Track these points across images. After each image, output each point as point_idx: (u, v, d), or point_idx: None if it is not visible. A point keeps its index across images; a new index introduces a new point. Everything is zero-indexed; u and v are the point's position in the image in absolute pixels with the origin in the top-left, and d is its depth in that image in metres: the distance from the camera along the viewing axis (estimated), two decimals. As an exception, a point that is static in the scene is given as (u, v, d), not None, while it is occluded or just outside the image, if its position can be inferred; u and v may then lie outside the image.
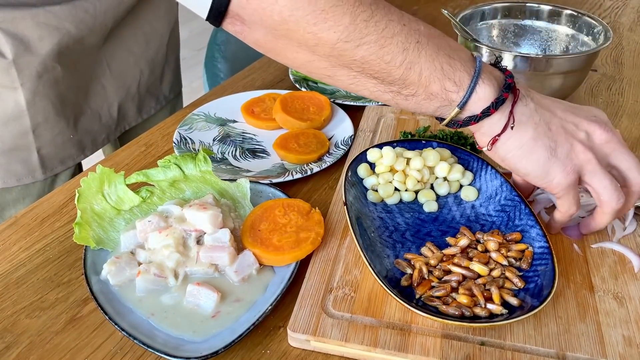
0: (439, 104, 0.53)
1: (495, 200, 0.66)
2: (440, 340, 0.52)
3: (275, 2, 0.47)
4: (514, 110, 0.53)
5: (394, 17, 0.50)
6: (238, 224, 0.64)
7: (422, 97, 0.53)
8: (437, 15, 1.26)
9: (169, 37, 1.02)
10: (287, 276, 0.58)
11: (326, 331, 0.53)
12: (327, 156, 0.80)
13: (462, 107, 0.53)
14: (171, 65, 1.06)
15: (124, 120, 1.00)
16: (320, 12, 0.47)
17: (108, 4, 0.86)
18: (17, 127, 0.84)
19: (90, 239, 0.62)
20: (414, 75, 0.51)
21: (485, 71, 0.53)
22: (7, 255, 0.65)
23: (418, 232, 0.64)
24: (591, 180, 0.55)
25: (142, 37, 0.96)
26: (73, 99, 0.89)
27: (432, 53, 0.51)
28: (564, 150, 0.53)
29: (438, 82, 0.52)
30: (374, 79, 0.52)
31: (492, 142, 0.54)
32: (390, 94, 0.53)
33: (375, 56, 0.50)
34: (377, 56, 0.50)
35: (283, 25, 0.48)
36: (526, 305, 0.53)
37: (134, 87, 0.98)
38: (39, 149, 0.87)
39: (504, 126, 0.53)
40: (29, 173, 0.88)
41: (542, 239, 0.59)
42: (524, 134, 0.53)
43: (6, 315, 0.58)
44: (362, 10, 0.49)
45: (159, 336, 0.54)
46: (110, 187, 0.65)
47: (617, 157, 0.55)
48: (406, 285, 0.57)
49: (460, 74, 0.52)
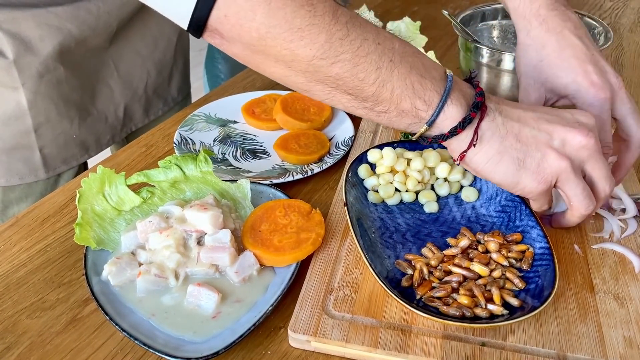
0: (410, 121, 0.54)
1: (496, 201, 0.66)
2: (441, 340, 0.52)
3: (252, 19, 0.48)
4: (479, 127, 0.54)
5: (369, 35, 0.51)
6: (239, 225, 0.64)
7: (393, 114, 0.54)
8: (438, 16, 1.26)
9: (177, 39, 1.02)
10: (288, 277, 0.58)
11: (327, 332, 0.53)
12: (327, 157, 0.80)
13: (430, 125, 0.54)
14: (179, 67, 1.05)
15: (131, 122, 1.00)
16: (297, 30, 0.49)
17: (111, 5, 0.86)
18: (19, 126, 0.84)
19: (91, 239, 0.62)
20: (386, 93, 0.52)
21: (455, 90, 0.54)
22: (8, 255, 0.65)
23: (418, 232, 0.64)
24: (563, 187, 0.55)
25: (150, 39, 0.96)
26: (78, 99, 0.89)
27: (405, 72, 0.52)
28: (534, 161, 0.54)
29: (409, 100, 0.53)
30: (349, 95, 0.53)
31: (460, 158, 0.56)
32: (364, 110, 0.55)
33: (349, 73, 0.51)
34: (351, 73, 0.51)
35: (260, 41, 0.49)
36: (527, 306, 0.53)
37: (141, 89, 0.98)
38: (41, 148, 0.87)
39: (469, 143, 0.54)
40: (32, 172, 0.88)
41: (542, 240, 0.59)
42: (490, 149, 0.54)
43: (7, 315, 0.58)
44: (338, 29, 0.50)
45: (159, 337, 0.54)
46: (111, 188, 0.65)
47: (590, 165, 0.55)
48: (407, 286, 0.57)
49: (430, 93, 0.53)
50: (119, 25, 0.89)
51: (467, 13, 0.94)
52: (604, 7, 1.31)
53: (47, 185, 0.91)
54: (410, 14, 1.20)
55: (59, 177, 0.92)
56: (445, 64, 1.02)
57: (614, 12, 1.29)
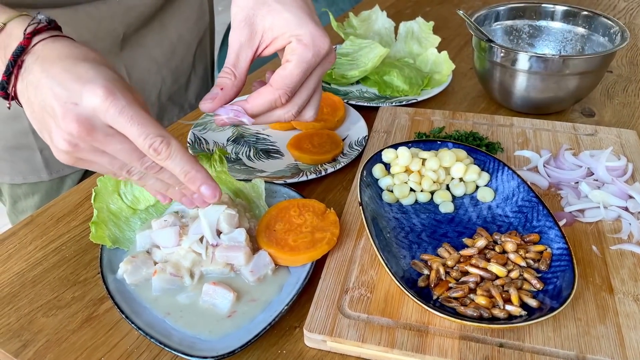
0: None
1: (513, 201, 0.65)
2: (458, 341, 0.52)
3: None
4: (16, 91, 0.50)
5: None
6: (253, 224, 0.64)
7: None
8: (450, 16, 1.26)
9: (197, 45, 1.00)
10: (303, 276, 0.58)
11: (343, 331, 0.53)
12: (341, 157, 0.79)
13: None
14: (199, 73, 1.04)
15: None
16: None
17: (114, 8, 0.84)
18: (17, 126, 0.83)
19: (107, 238, 0.62)
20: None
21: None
22: (24, 254, 0.65)
23: (434, 232, 0.64)
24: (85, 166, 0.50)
25: (167, 45, 0.95)
26: None
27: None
28: (46, 133, 0.49)
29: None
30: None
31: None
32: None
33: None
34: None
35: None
36: (545, 307, 0.52)
37: (154, 96, 0.97)
38: (42, 149, 0.86)
39: (9, 104, 0.51)
40: (34, 172, 0.88)
41: (560, 241, 0.58)
42: (26, 112, 0.50)
43: (23, 313, 0.58)
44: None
45: (174, 335, 0.54)
46: (126, 187, 0.65)
47: (104, 145, 0.48)
48: (423, 286, 0.56)
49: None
50: (126, 30, 0.88)
51: (482, 13, 0.94)
52: (618, 8, 1.30)
53: (52, 184, 0.90)
54: (423, 15, 1.20)
55: (64, 178, 0.91)
56: (459, 64, 1.03)
57: (628, 12, 1.28)
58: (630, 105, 0.93)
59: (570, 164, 0.74)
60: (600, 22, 0.91)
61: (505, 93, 0.89)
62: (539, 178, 0.72)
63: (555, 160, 0.75)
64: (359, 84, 0.99)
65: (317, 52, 0.54)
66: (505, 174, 0.68)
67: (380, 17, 1.10)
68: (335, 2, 2.59)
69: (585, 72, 0.83)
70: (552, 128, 0.81)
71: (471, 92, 0.98)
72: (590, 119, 0.89)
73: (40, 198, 0.90)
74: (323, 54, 0.54)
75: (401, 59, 1.03)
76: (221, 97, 0.54)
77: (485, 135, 0.80)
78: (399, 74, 0.95)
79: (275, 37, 0.55)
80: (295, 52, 0.54)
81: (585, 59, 0.82)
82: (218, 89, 0.54)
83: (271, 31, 0.55)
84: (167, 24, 0.93)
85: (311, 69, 0.54)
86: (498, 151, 0.77)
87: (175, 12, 0.94)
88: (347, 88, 0.98)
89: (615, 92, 0.97)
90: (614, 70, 1.03)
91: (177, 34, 0.96)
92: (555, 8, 0.95)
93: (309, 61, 0.53)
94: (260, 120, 0.56)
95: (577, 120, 0.89)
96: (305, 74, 0.54)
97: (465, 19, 0.89)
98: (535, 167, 0.74)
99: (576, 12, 0.94)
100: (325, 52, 0.55)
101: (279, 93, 0.53)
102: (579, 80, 0.84)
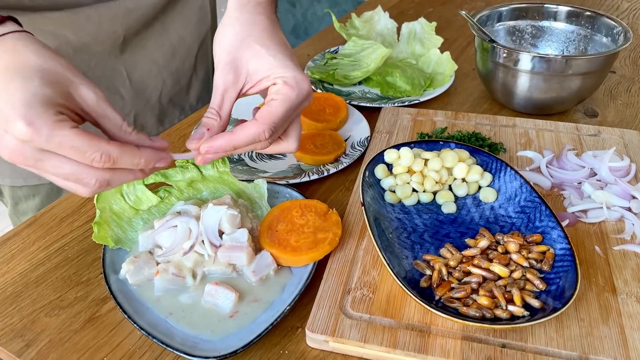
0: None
1: (515, 202, 0.65)
2: (461, 342, 0.52)
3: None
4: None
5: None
6: (255, 225, 0.64)
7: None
8: (452, 17, 1.25)
9: (198, 47, 1.00)
10: (305, 277, 0.58)
11: (345, 332, 0.53)
12: (343, 157, 0.79)
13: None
14: (200, 75, 1.04)
15: (143, 130, 0.99)
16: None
17: (114, 11, 0.84)
18: None
19: (109, 238, 0.62)
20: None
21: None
22: (27, 254, 0.66)
23: (436, 233, 0.63)
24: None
25: (168, 48, 0.95)
26: None
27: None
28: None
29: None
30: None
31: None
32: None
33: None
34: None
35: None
36: (548, 307, 0.52)
37: (155, 98, 0.97)
38: None
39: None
40: (34, 175, 0.87)
41: (563, 241, 0.58)
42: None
43: (26, 313, 0.58)
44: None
45: (177, 335, 0.54)
46: (128, 187, 0.65)
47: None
48: (425, 287, 0.56)
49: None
50: (127, 33, 0.87)
51: (484, 13, 0.94)
52: (622, 8, 1.29)
53: (52, 186, 0.90)
54: (425, 15, 1.20)
55: None
56: (461, 65, 1.03)
57: (632, 12, 1.27)
58: (634, 105, 0.93)
59: (573, 165, 0.74)
60: (603, 22, 0.90)
61: (507, 93, 0.89)
62: (542, 178, 0.72)
63: (558, 160, 0.75)
64: (362, 85, 0.99)
65: (300, 92, 0.57)
66: (507, 175, 0.68)
67: (383, 18, 1.10)
68: (338, 3, 2.59)
69: (588, 73, 0.83)
70: (554, 128, 0.81)
71: (474, 93, 0.98)
72: (593, 120, 0.89)
73: (41, 200, 0.90)
74: (305, 94, 0.58)
75: (404, 60, 1.03)
76: (207, 138, 0.56)
77: (488, 136, 0.80)
78: (401, 74, 0.95)
79: (260, 79, 0.58)
80: (280, 92, 0.57)
81: (588, 60, 0.82)
82: (204, 129, 0.56)
83: (256, 74, 0.58)
84: (168, 26, 0.93)
85: (294, 109, 0.57)
86: (501, 151, 0.77)
87: (176, 14, 0.94)
88: (349, 89, 0.98)
89: (618, 92, 0.97)
90: (617, 70, 1.03)
91: (178, 36, 0.96)
92: (558, 8, 0.95)
93: (292, 101, 0.57)
94: (239, 150, 0.58)
95: (580, 120, 0.89)
96: (289, 113, 0.57)
97: (468, 20, 0.88)
98: (538, 167, 0.74)
99: (579, 13, 0.93)
100: (307, 93, 0.58)
101: (264, 128, 0.55)
102: (582, 81, 0.84)
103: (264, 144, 0.57)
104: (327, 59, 1.05)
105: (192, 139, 0.56)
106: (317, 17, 2.71)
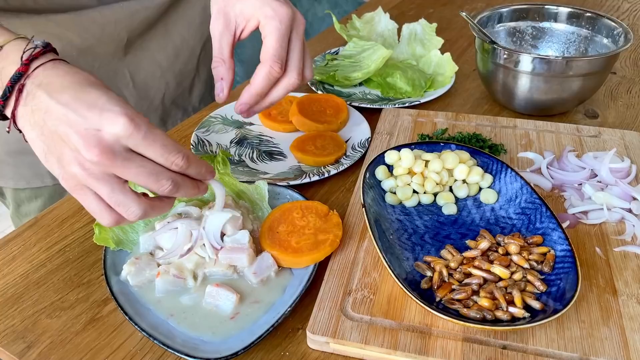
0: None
1: (516, 203, 0.65)
2: (462, 343, 0.52)
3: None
4: (16, 114, 0.52)
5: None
6: (256, 226, 0.64)
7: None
8: (453, 18, 1.26)
9: (201, 49, 1.01)
10: (306, 278, 0.58)
11: (345, 333, 0.53)
12: (344, 158, 0.79)
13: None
14: (202, 76, 1.04)
15: None
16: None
17: (118, 14, 0.84)
18: None
19: (110, 239, 0.62)
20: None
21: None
22: (28, 255, 0.66)
23: (437, 234, 0.63)
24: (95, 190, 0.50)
25: (171, 49, 0.95)
26: None
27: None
28: (54, 158, 0.50)
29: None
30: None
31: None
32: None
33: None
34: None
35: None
36: (549, 309, 0.52)
37: (158, 99, 0.97)
38: None
39: (8, 127, 0.53)
40: (38, 177, 0.88)
41: (564, 242, 0.58)
42: (28, 135, 0.52)
43: (27, 315, 0.58)
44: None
45: (178, 337, 0.54)
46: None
47: (118, 171, 0.49)
48: (426, 288, 0.56)
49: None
50: (130, 35, 0.88)
51: (485, 14, 0.94)
52: (622, 9, 1.29)
53: (55, 189, 0.90)
54: (426, 16, 1.20)
55: None
56: (462, 66, 1.03)
57: (632, 13, 1.27)
58: (634, 106, 0.93)
59: (573, 166, 0.74)
60: (604, 23, 0.90)
61: (508, 94, 0.89)
62: (542, 180, 0.72)
63: (559, 161, 0.75)
64: (362, 86, 0.99)
65: (282, 19, 0.61)
66: (508, 176, 0.68)
67: (383, 19, 1.10)
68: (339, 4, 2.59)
69: (588, 74, 0.83)
70: (555, 129, 0.81)
71: (474, 94, 0.98)
72: (594, 121, 0.89)
73: (44, 202, 0.91)
74: (288, 19, 0.62)
75: (404, 61, 1.03)
76: (226, 84, 0.64)
77: (489, 137, 0.80)
78: (402, 75, 0.95)
79: (247, 20, 0.64)
80: (265, 27, 0.62)
81: (588, 61, 0.82)
82: (219, 80, 0.62)
83: (242, 15, 0.64)
84: (171, 29, 0.94)
85: (286, 35, 0.62)
86: (501, 153, 0.77)
87: (179, 16, 0.94)
88: (350, 90, 0.98)
89: (619, 93, 0.97)
90: (617, 71, 1.03)
91: (181, 38, 0.96)
92: (559, 9, 0.95)
93: (279, 29, 0.61)
94: (274, 98, 0.64)
95: (580, 121, 0.89)
96: (282, 41, 0.61)
97: (468, 21, 0.89)
98: (538, 168, 0.74)
99: (579, 14, 0.93)
100: (290, 17, 0.62)
101: (270, 63, 0.60)
102: (583, 82, 0.84)
103: (289, 79, 0.62)
104: (328, 60, 1.05)
105: (218, 93, 0.64)
106: (317, 18, 2.72)
